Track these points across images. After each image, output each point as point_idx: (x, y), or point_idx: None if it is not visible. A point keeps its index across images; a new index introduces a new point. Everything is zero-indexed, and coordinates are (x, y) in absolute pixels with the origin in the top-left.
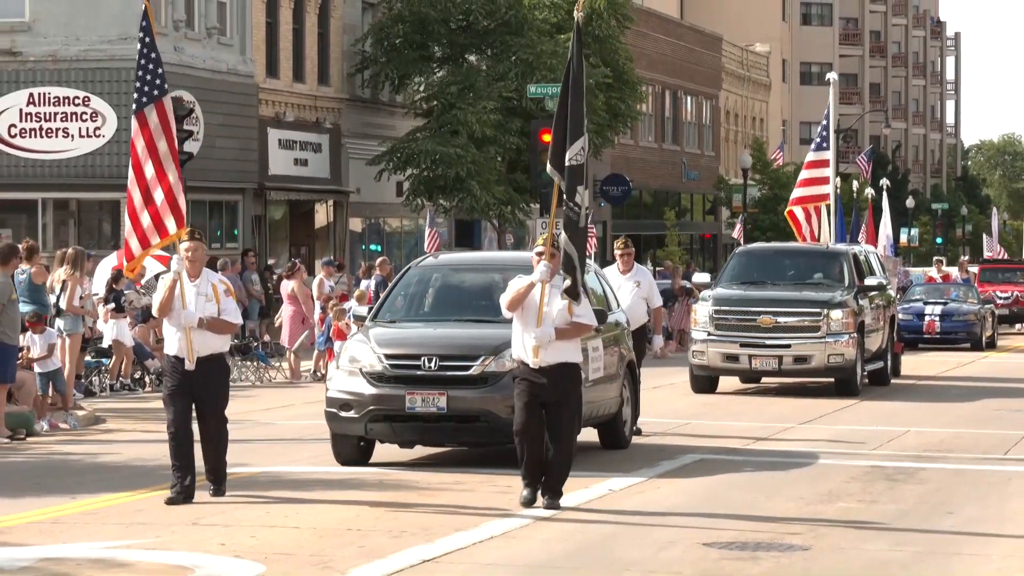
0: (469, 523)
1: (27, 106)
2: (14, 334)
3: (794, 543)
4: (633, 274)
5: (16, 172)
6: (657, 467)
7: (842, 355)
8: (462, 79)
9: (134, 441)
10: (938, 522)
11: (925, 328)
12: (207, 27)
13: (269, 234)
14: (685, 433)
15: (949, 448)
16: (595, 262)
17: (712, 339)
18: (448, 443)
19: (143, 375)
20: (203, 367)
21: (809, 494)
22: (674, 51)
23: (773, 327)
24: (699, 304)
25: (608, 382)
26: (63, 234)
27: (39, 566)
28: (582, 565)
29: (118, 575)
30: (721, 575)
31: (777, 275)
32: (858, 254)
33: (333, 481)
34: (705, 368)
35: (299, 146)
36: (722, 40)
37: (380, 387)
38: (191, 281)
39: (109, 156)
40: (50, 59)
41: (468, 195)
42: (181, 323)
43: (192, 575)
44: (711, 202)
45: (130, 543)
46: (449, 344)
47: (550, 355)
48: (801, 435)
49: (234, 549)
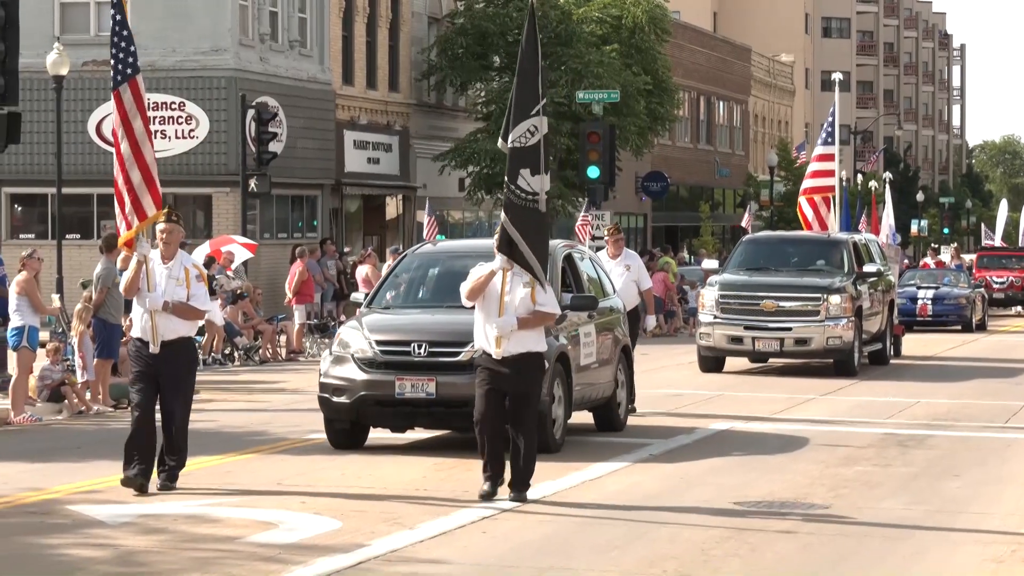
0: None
1: None
2: (118, 314)
3: (816, 502)
4: (623, 258)
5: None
6: (693, 435)
7: (840, 337)
8: None
9: (224, 410)
10: (946, 483)
11: (918, 311)
12: (290, 40)
13: (345, 225)
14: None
15: (955, 417)
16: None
17: (718, 322)
18: (438, 428)
19: (232, 351)
20: (168, 351)
21: (829, 458)
22: (708, 61)
23: (775, 311)
24: (706, 288)
25: (601, 366)
26: None
27: (139, 521)
28: (628, 518)
29: (210, 529)
30: (749, 530)
31: (781, 262)
32: (858, 242)
33: (402, 446)
34: (712, 349)
35: (372, 146)
36: (751, 51)
37: (371, 373)
38: (164, 263)
39: (201, 155)
40: (149, 69)
41: None
42: (147, 306)
43: (276, 530)
44: (741, 196)
45: (220, 501)
46: (439, 330)
47: (513, 345)
48: (815, 408)
49: (313, 507)
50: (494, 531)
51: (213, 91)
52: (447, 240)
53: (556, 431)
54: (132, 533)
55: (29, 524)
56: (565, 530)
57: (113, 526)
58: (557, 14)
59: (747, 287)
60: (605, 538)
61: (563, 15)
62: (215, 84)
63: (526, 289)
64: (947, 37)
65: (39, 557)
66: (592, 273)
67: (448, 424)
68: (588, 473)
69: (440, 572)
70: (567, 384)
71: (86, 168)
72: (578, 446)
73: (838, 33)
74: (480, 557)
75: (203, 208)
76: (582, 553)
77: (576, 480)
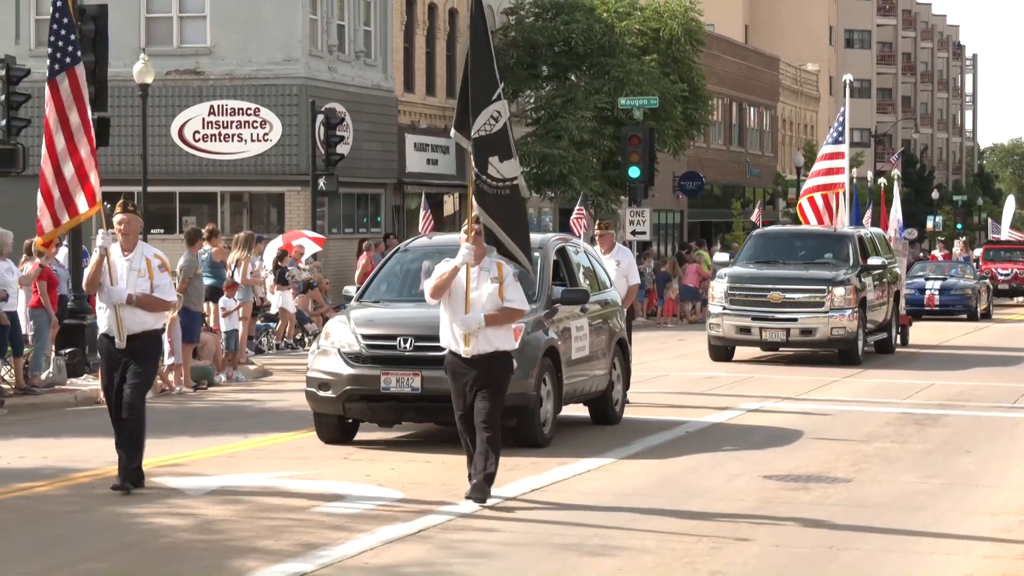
0: (570, 459)
1: (208, 116)
2: (199, 302)
3: (838, 476)
4: (614, 253)
5: (199, 170)
6: (723, 412)
7: (844, 328)
8: (564, 93)
9: (296, 391)
10: (959, 459)
11: (926, 301)
12: (356, 51)
13: (406, 220)
14: (739, 390)
15: (967, 398)
16: (584, 243)
17: (727, 312)
18: (424, 422)
19: (303, 336)
20: (134, 344)
21: (851, 436)
22: (739, 70)
23: (782, 302)
24: (716, 280)
25: (594, 360)
26: (237, 221)
27: (217, 492)
28: (665, 492)
29: (282, 500)
30: (778, 502)
31: (788, 255)
32: (864, 236)
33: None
34: (721, 339)
35: (431, 148)
36: (779, 61)
37: (356, 367)
38: (124, 255)
39: (275, 157)
40: (227, 78)
41: (569, 188)
42: (110, 300)
43: (342, 501)
44: (770, 194)
45: (292, 474)
46: (424, 324)
47: (481, 344)
48: (837, 390)
49: (377, 479)
50: (543, 500)
51: (285, 98)
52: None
53: (545, 426)
54: (211, 503)
55: (116, 495)
56: (603, 502)
57: (193, 497)
58: (601, 27)
59: (755, 279)
60: (645, 508)
61: (606, 28)
62: (287, 91)
63: (494, 285)
64: (960, 47)
65: (126, 525)
66: (587, 266)
67: (434, 418)
68: (631, 448)
69: (493, 539)
70: (556, 378)
71: (169, 168)
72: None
73: (860, 44)
74: (529, 523)
75: (276, 205)
76: (621, 521)
77: (618, 456)
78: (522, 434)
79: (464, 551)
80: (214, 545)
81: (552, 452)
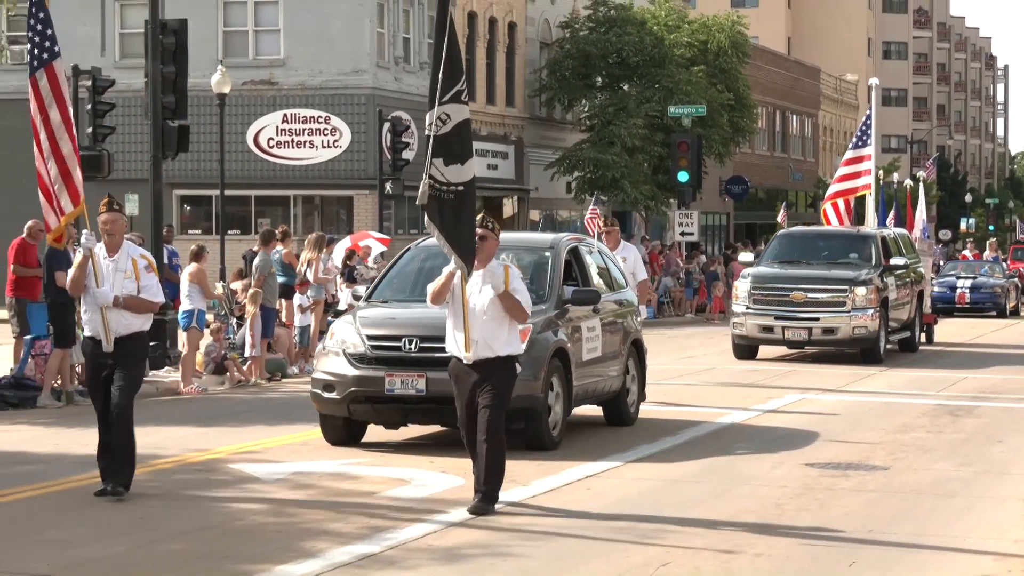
0: (626, 447)
1: (281, 124)
2: (273, 299)
3: (876, 464)
4: (620, 250)
5: (273, 175)
6: (767, 404)
7: (865, 327)
8: (617, 102)
9: None
10: (991, 448)
11: (957, 299)
12: (420, 62)
13: None
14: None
15: (1000, 391)
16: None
17: (750, 312)
18: (429, 424)
19: None
20: (121, 347)
21: (888, 426)
22: (783, 80)
23: (804, 302)
24: (740, 280)
25: (607, 360)
26: (309, 222)
27: (290, 478)
28: (712, 478)
29: (351, 485)
30: (819, 488)
31: (812, 255)
32: (887, 236)
33: None
34: (744, 338)
35: (491, 154)
36: (820, 71)
37: (362, 368)
38: (109, 256)
39: (344, 162)
40: (299, 88)
41: (621, 192)
42: (96, 302)
43: (408, 486)
44: (812, 197)
45: (360, 460)
46: (430, 325)
47: (482, 349)
48: (875, 383)
49: (441, 466)
50: (597, 487)
51: (354, 107)
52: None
53: (554, 428)
54: (284, 488)
55: (195, 480)
56: (654, 489)
57: (267, 482)
58: (652, 39)
59: (778, 279)
60: (693, 494)
61: (656, 40)
62: (356, 101)
63: (497, 290)
64: (992, 58)
65: (204, 508)
66: (602, 265)
67: (439, 420)
68: (678, 438)
69: (549, 521)
70: (566, 380)
71: (245, 173)
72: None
73: (897, 55)
74: (584, 509)
75: (345, 207)
76: (671, 507)
77: (664, 446)
78: (530, 437)
79: (523, 533)
80: (286, 527)
81: (594, 450)
